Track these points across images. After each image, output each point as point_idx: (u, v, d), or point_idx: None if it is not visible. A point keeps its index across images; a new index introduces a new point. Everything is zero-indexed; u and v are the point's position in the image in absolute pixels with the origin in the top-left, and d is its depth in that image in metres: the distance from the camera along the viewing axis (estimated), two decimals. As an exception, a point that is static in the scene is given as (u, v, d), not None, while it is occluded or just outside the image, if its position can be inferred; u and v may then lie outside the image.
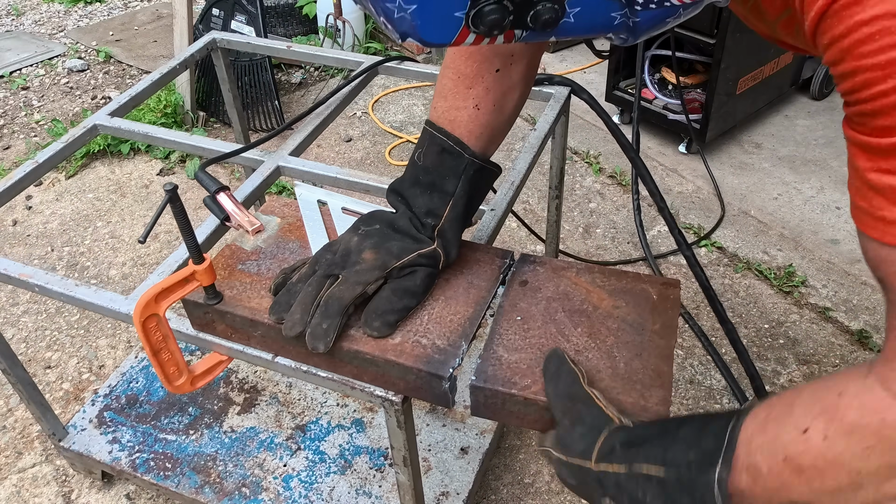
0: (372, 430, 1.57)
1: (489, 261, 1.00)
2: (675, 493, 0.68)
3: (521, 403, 0.85)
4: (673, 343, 0.89)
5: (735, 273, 2.12)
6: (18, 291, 2.19)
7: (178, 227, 0.88)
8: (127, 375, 1.70)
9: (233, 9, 2.79)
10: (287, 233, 1.08)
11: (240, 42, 1.74)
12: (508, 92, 0.94)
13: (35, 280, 1.13)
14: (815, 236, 2.23)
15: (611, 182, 2.50)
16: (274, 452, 1.53)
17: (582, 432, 0.78)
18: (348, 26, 3.13)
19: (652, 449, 0.71)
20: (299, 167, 1.31)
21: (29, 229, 2.45)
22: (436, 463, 1.51)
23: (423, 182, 0.93)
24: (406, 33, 0.58)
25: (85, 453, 1.54)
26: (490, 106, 0.93)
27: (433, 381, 0.87)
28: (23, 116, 3.07)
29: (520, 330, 0.91)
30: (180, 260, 1.11)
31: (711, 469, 0.65)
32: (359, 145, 2.79)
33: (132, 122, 1.47)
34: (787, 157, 2.57)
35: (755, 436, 0.64)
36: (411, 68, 1.57)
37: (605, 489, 0.74)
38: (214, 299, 0.96)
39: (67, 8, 4.05)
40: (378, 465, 1.50)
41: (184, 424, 1.59)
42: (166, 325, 0.94)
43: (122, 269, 2.26)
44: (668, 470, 0.69)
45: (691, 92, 2.53)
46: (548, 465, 1.65)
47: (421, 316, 0.93)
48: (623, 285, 0.96)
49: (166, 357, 0.96)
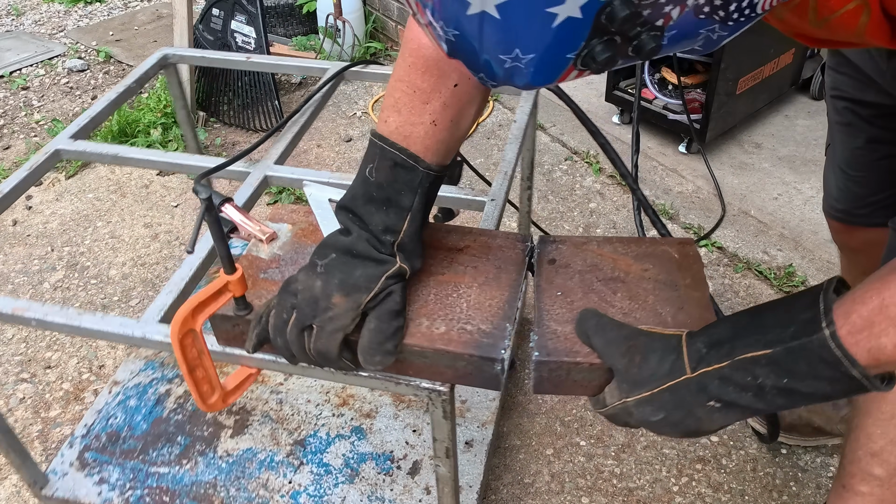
0: (373, 435, 1.55)
1: (511, 245, 1.03)
2: (789, 363, 0.70)
3: (587, 370, 0.87)
4: (707, 293, 0.93)
5: (735, 273, 2.12)
6: (18, 291, 2.19)
7: (212, 236, 0.85)
8: (103, 412, 1.61)
9: (233, 9, 2.79)
10: (302, 238, 1.07)
11: (193, 56, 1.70)
12: (466, 107, 0.92)
13: (31, 314, 1.05)
14: (815, 236, 2.23)
15: (611, 182, 2.50)
16: (276, 471, 1.49)
17: (658, 358, 0.79)
18: (348, 26, 3.13)
19: (746, 339, 0.73)
20: (287, 175, 1.31)
21: (29, 229, 2.45)
22: None
23: (378, 198, 0.89)
24: (511, 81, 0.58)
25: (71, 499, 1.46)
26: (447, 122, 0.91)
27: (485, 364, 0.88)
28: (23, 116, 3.07)
29: (564, 303, 0.93)
30: (186, 277, 1.09)
31: (819, 330, 0.68)
32: (359, 145, 2.79)
33: (98, 144, 1.42)
34: (787, 157, 2.56)
35: (857, 304, 0.68)
36: (378, 71, 1.56)
37: (709, 392, 0.75)
38: (245, 310, 0.93)
39: (67, 8, 4.05)
40: (386, 470, 1.49)
41: (175, 455, 1.52)
42: (202, 341, 0.91)
43: (122, 268, 2.26)
44: (773, 347, 0.70)
45: (691, 92, 2.53)
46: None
47: (459, 304, 0.93)
48: (644, 250, 1.00)
49: (201, 375, 0.93)
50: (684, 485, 1.58)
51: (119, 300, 2.14)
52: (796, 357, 0.70)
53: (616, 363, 0.82)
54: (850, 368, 0.67)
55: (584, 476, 1.61)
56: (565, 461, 1.64)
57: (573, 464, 1.64)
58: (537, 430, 1.71)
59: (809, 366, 0.69)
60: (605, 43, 0.55)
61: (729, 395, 0.74)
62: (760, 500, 1.55)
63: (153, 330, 1.01)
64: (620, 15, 0.51)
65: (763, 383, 0.72)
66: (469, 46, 0.57)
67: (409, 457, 1.50)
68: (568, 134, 2.73)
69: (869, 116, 1.26)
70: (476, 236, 1.05)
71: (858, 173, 1.34)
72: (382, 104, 0.93)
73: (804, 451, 1.63)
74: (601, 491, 1.58)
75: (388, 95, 0.93)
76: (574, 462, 1.64)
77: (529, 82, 0.58)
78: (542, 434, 1.70)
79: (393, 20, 3.33)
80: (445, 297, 0.95)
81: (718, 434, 1.67)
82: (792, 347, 0.70)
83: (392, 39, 3.41)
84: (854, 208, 1.37)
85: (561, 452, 1.66)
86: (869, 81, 1.20)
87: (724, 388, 0.74)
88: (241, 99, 2.89)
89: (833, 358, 0.68)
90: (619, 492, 1.58)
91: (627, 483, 1.59)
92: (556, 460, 1.65)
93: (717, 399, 0.75)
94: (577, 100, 1.57)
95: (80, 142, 1.41)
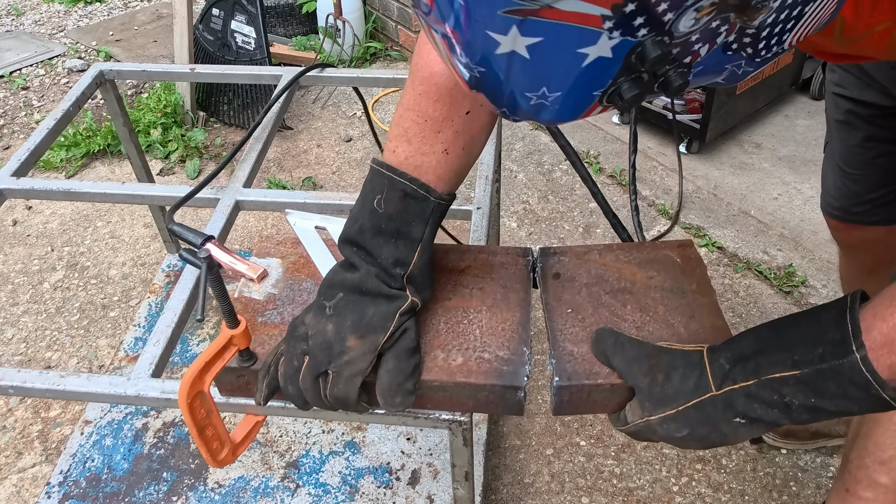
0: (367, 448, 1.52)
1: (513, 261, 1.01)
2: (819, 384, 0.70)
3: (608, 391, 0.86)
4: (715, 298, 0.93)
5: (735, 273, 2.12)
6: (18, 291, 2.19)
7: (215, 295, 0.82)
8: (78, 456, 1.53)
9: (233, 9, 2.79)
10: (294, 272, 1.02)
11: (132, 71, 1.60)
12: (478, 134, 0.91)
13: (6, 381, 0.94)
14: (815, 236, 2.23)
15: (611, 182, 2.50)
16: (272, 497, 1.45)
17: (681, 376, 0.79)
18: (348, 26, 3.13)
19: (771, 357, 0.73)
20: (260, 198, 1.24)
21: (29, 229, 2.45)
22: (441, 465, 1.50)
23: (387, 230, 0.86)
24: (536, 117, 0.58)
25: None
26: (459, 150, 0.89)
27: (507, 393, 0.87)
28: (23, 116, 3.07)
29: (576, 321, 0.92)
30: (172, 324, 1.03)
31: (850, 352, 0.68)
32: (358, 145, 2.79)
33: (46, 181, 1.31)
34: (787, 157, 2.56)
35: (877, 320, 0.68)
36: (334, 74, 1.52)
37: (735, 409, 0.75)
38: (250, 360, 0.90)
39: (67, 8, 4.05)
40: (385, 483, 1.46)
41: (163, 492, 1.46)
42: (210, 401, 0.86)
43: (122, 268, 2.26)
44: (801, 369, 0.70)
45: (691, 92, 2.53)
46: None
47: (472, 331, 0.91)
48: (646, 256, 0.99)
49: (210, 433, 0.89)
50: (684, 485, 1.58)
51: (119, 300, 2.14)
52: (826, 379, 0.69)
53: (638, 382, 0.81)
54: (880, 391, 0.67)
55: (584, 476, 1.61)
56: (565, 461, 1.64)
57: (573, 464, 1.64)
58: (537, 430, 1.71)
59: (839, 387, 0.69)
60: (632, 81, 0.54)
61: (755, 412, 0.74)
62: (760, 500, 1.55)
63: (147, 387, 0.95)
64: (652, 55, 0.51)
65: (790, 402, 0.72)
66: (494, 83, 0.56)
67: (406, 466, 1.49)
68: (567, 134, 2.71)
69: (868, 116, 1.26)
70: (475, 254, 1.02)
71: (856, 171, 1.34)
72: (389, 133, 0.90)
73: (804, 452, 1.63)
74: (601, 491, 1.58)
75: (395, 125, 0.90)
76: (574, 462, 1.64)
77: (554, 118, 0.58)
78: (542, 434, 1.70)
79: (393, 20, 3.33)
80: (456, 325, 0.92)
81: (718, 434, 1.67)
82: (822, 370, 0.69)
83: (392, 39, 3.41)
84: (851, 206, 1.38)
85: (561, 452, 1.66)
86: (871, 82, 1.20)
87: (750, 405, 0.74)
88: (240, 99, 2.89)
89: (864, 381, 0.67)
90: (619, 492, 1.58)
91: (627, 483, 1.59)
92: (556, 460, 1.65)
93: (742, 416, 0.75)
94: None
95: (24, 179, 1.29)
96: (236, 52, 2.82)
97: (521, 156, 2.65)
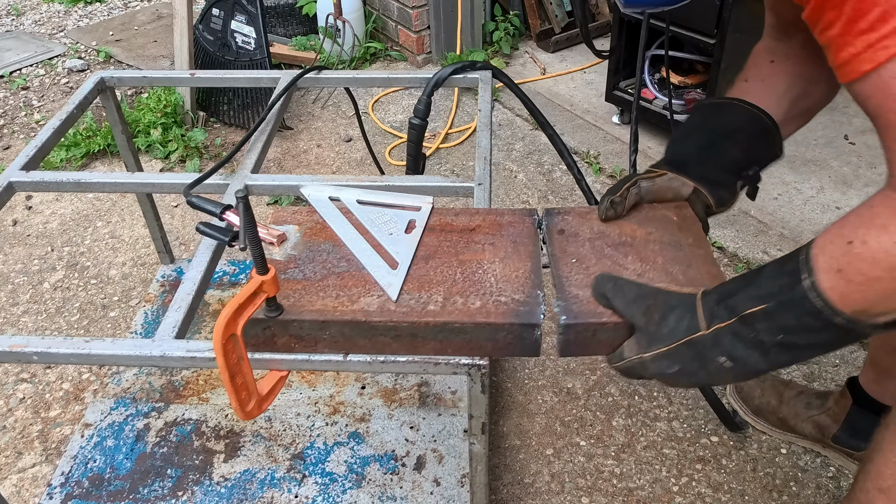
0: (371, 438, 1.55)
1: (520, 220, 1.08)
2: (781, 315, 0.77)
3: (612, 329, 0.92)
4: (710, 250, 1.01)
5: (735, 273, 2.12)
6: (18, 291, 2.19)
7: (247, 237, 0.84)
8: (80, 458, 1.54)
9: (233, 9, 2.79)
10: (312, 236, 1.07)
11: (134, 77, 1.63)
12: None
13: (32, 348, 0.98)
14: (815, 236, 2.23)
15: (611, 182, 2.50)
16: (279, 487, 1.46)
17: (676, 316, 0.85)
18: (348, 26, 3.13)
19: (745, 294, 0.80)
20: (268, 182, 1.30)
21: (29, 229, 2.45)
22: (446, 450, 1.51)
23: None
24: None
25: None
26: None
27: (525, 332, 0.92)
28: (23, 116, 3.07)
29: (580, 269, 0.99)
30: (192, 292, 1.07)
31: (800, 282, 0.75)
32: (358, 145, 2.79)
33: (56, 173, 1.37)
34: (787, 157, 2.56)
35: (822, 252, 0.77)
36: (331, 76, 1.57)
37: (721, 347, 0.81)
38: (276, 311, 0.92)
39: (67, 8, 4.05)
40: (391, 469, 1.48)
41: (168, 488, 1.46)
42: (242, 346, 0.89)
43: (122, 268, 2.26)
44: (767, 302, 0.77)
45: (691, 92, 2.53)
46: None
47: (487, 279, 0.97)
48: (645, 215, 1.07)
49: (240, 381, 0.91)
50: (684, 485, 1.58)
51: (119, 300, 2.14)
52: (786, 309, 0.76)
53: (637, 320, 0.87)
54: (830, 319, 0.73)
55: (584, 476, 1.61)
56: (565, 461, 1.64)
57: (573, 464, 1.64)
58: (537, 430, 1.71)
59: (797, 318, 0.76)
60: None
61: (738, 352, 0.79)
62: (760, 500, 1.55)
63: (172, 347, 0.98)
64: None
65: (763, 339, 0.78)
66: None
67: (411, 453, 1.50)
68: (568, 134, 2.73)
69: None
70: (484, 215, 1.09)
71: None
72: None
73: (804, 451, 1.63)
74: (601, 491, 1.58)
75: None
76: (574, 462, 1.64)
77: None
78: (542, 434, 1.70)
79: (393, 20, 3.33)
80: (472, 275, 0.98)
81: (718, 434, 1.67)
82: (781, 301, 0.76)
83: (392, 39, 3.41)
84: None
85: (561, 452, 1.66)
86: None
87: (735, 343, 0.79)
88: (241, 99, 2.89)
89: (814, 308, 0.74)
90: (619, 492, 1.58)
91: (627, 483, 1.59)
92: (556, 460, 1.65)
93: (728, 355, 0.80)
94: (578, 100, 1.57)
95: (34, 172, 1.35)
96: (236, 52, 2.82)
97: (521, 156, 2.65)
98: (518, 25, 3.31)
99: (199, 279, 1.09)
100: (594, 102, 2.90)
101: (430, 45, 3.28)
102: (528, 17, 3.36)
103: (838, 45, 0.75)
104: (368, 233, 1.07)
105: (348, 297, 0.95)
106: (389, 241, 1.04)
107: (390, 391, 1.64)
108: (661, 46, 2.50)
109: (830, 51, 0.78)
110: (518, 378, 1.82)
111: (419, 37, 3.23)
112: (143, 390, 1.68)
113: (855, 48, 0.73)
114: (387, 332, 0.92)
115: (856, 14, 0.71)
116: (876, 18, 0.70)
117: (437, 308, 0.92)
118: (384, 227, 1.08)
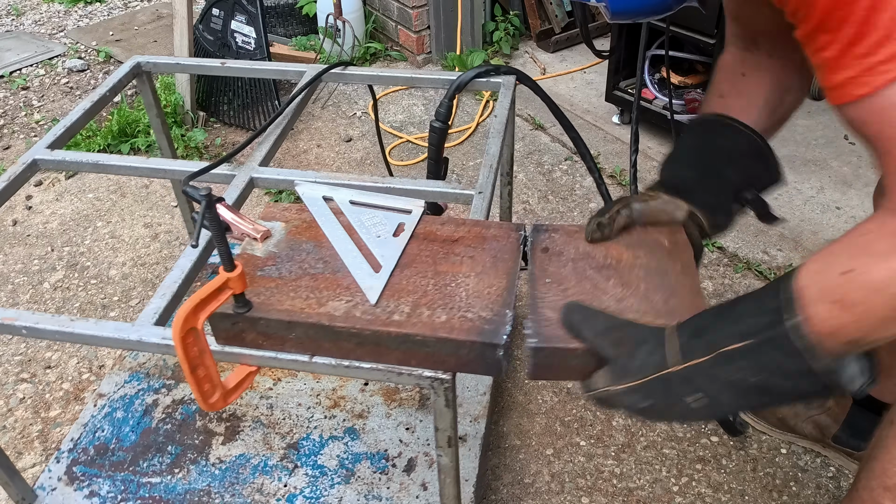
0: (366, 435, 1.55)
1: (505, 235, 1.05)
2: (764, 354, 0.73)
3: (581, 356, 0.88)
4: (697, 280, 0.97)
5: (735, 273, 2.12)
6: (18, 291, 2.19)
7: (212, 234, 0.86)
8: (90, 426, 1.58)
9: (233, 9, 2.80)
10: (297, 234, 1.06)
11: (167, 64, 1.65)
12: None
13: (21, 322, 1.02)
14: (815, 236, 2.23)
15: (611, 182, 2.50)
16: (270, 475, 1.48)
17: (646, 350, 0.82)
18: (348, 26, 3.13)
19: (722, 331, 0.77)
20: (273, 176, 1.30)
21: (29, 229, 2.45)
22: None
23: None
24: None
25: None
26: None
27: (487, 350, 0.89)
28: (23, 116, 3.07)
29: (558, 291, 0.95)
30: (179, 279, 1.08)
31: (783, 321, 0.72)
32: (359, 145, 2.79)
33: (77, 153, 1.41)
34: (787, 157, 2.56)
35: (812, 284, 0.73)
36: (356, 72, 1.56)
37: (694, 385, 0.77)
38: (244, 307, 0.93)
39: (67, 8, 4.05)
40: (381, 468, 1.49)
41: (166, 464, 1.51)
42: (203, 340, 0.90)
43: (122, 268, 2.26)
44: (747, 340, 0.74)
45: (691, 92, 2.53)
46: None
47: (458, 293, 0.95)
48: (636, 238, 1.03)
49: (202, 374, 0.92)
50: (684, 485, 1.58)
51: (119, 300, 2.14)
52: (770, 348, 0.73)
53: (606, 351, 0.84)
54: (811, 362, 0.70)
55: (584, 476, 1.61)
56: (565, 461, 1.64)
57: (573, 464, 1.64)
58: (537, 430, 1.71)
59: (775, 360, 0.73)
60: None
61: (712, 390, 0.76)
62: (760, 500, 1.55)
63: (149, 333, 1.00)
64: None
65: (740, 378, 0.74)
66: None
67: (403, 454, 1.50)
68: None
69: None
70: (470, 227, 1.06)
71: None
72: None
73: (804, 451, 1.63)
74: (601, 491, 1.58)
75: None
76: (574, 462, 1.64)
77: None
78: (542, 434, 1.70)
79: (393, 20, 3.33)
80: (444, 287, 0.96)
81: (718, 434, 1.67)
82: (764, 339, 0.73)
83: (392, 39, 3.41)
84: None
85: (561, 452, 1.66)
86: None
87: (708, 382, 0.76)
88: (241, 99, 2.89)
89: (796, 350, 0.71)
90: (619, 492, 1.58)
91: (627, 483, 1.59)
92: (556, 460, 1.65)
93: (703, 392, 0.77)
94: (578, 100, 1.57)
95: (57, 151, 1.38)
96: (236, 52, 2.82)
97: (521, 156, 2.65)
98: (518, 25, 3.31)
99: (188, 267, 1.09)
100: (594, 102, 2.90)
101: (430, 45, 3.28)
102: (528, 17, 3.36)
103: (832, 68, 0.74)
104: (356, 234, 1.06)
105: (317, 299, 0.95)
106: (376, 244, 1.04)
107: (392, 390, 1.64)
108: (661, 46, 2.50)
109: (823, 71, 0.76)
110: (518, 378, 1.82)
111: (419, 37, 3.24)
112: (157, 366, 1.71)
113: (852, 71, 0.72)
114: (350, 337, 0.91)
115: (855, 38, 0.70)
116: (874, 42, 0.69)
117: (402, 318, 0.91)
118: (373, 228, 1.07)
